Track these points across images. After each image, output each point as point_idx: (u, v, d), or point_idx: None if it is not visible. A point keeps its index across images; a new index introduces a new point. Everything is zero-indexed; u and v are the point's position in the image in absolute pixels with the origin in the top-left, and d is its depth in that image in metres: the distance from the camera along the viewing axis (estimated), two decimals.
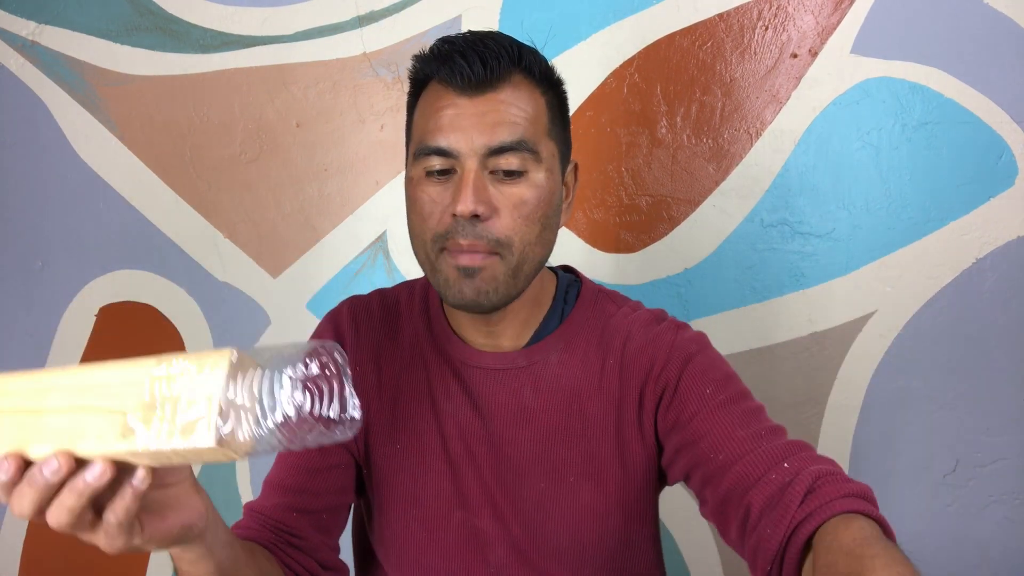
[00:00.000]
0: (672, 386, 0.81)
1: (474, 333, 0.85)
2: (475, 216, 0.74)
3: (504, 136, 0.74)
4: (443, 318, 0.87)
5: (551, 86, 0.81)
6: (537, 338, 0.85)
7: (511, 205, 0.75)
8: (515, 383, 0.83)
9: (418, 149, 0.77)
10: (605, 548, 0.84)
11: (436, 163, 0.76)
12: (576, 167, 0.86)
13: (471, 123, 0.75)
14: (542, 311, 0.86)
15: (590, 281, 0.91)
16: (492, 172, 0.76)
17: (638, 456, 0.83)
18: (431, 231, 0.77)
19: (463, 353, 0.85)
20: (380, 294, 0.91)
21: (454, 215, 0.74)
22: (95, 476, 0.48)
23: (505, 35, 0.79)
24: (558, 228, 0.83)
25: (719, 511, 0.74)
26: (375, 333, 0.87)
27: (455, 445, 0.83)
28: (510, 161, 0.75)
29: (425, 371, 0.86)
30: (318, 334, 0.89)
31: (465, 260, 0.75)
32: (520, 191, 0.76)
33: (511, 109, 0.75)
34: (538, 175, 0.77)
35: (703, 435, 0.76)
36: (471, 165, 0.75)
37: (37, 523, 1.45)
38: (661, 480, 0.86)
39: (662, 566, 0.90)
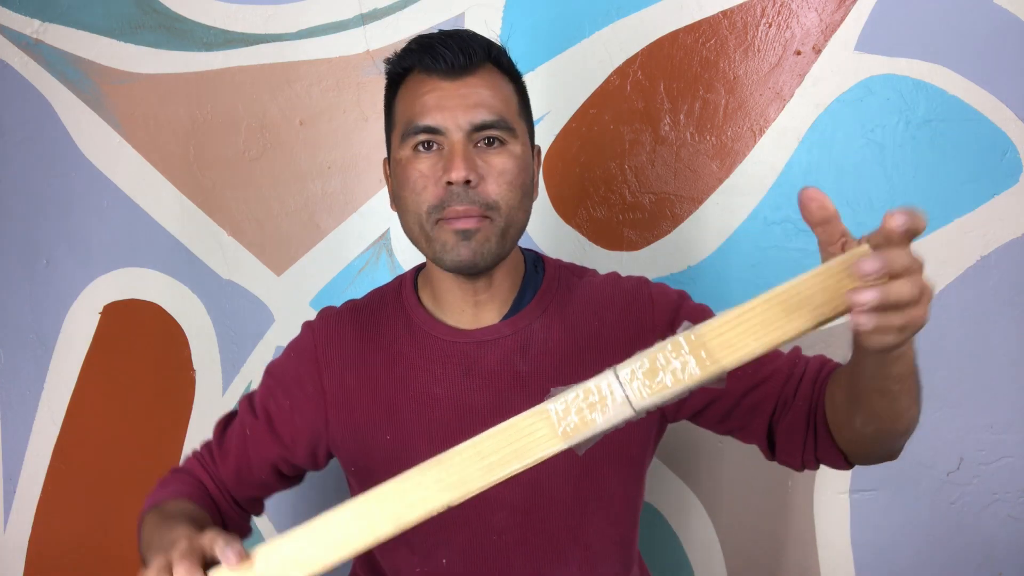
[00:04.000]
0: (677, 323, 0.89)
1: (459, 312, 0.90)
2: (467, 182, 0.81)
3: (484, 115, 0.83)
4: (423, 310, 0.92)
5: (515, 78, 0.89)
6: (516, 309, 0.90)
7: (496, 172, 0.83)
8: (504, 351, 0.88)
9: (406, 130, 0.84)
10: (604, 499, 0.89)
11: (423, 140, 0.83)
12: (539, 152, 0.94)
13: (455, 103, 0.82)
14: (518, 283, 0.92)
15: (548, 256, 0.98)
16: (476, 145, 0.83)
17: None
18: (426, 203, 0.83)
19: (450, 334, 0.89)
20: (352, 304, 0.97)
21: (448, 183, 0.81)
22: None
23: (475, 32, 0.88)
24: (533, 201, 0.89)
25: (749, 411, 0.87)
26: (349, 339, 0.92)
27: (452, 422, 0.87)
28: (492, 133, 0.83)
29: (412, 363, 0.89)
30: (296, 344, 0.95)
31: (461, 224, 0.82)
32: (502, 160, 0.84)
33: (488, 91, 0.84)
34: (515, 147, 0.85)
35: None
36: (458, 137, 0.82)
37: (42, 521, 1.46)
38: (660, 426, 0.93)
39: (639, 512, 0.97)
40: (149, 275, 1.42)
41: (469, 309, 0.90)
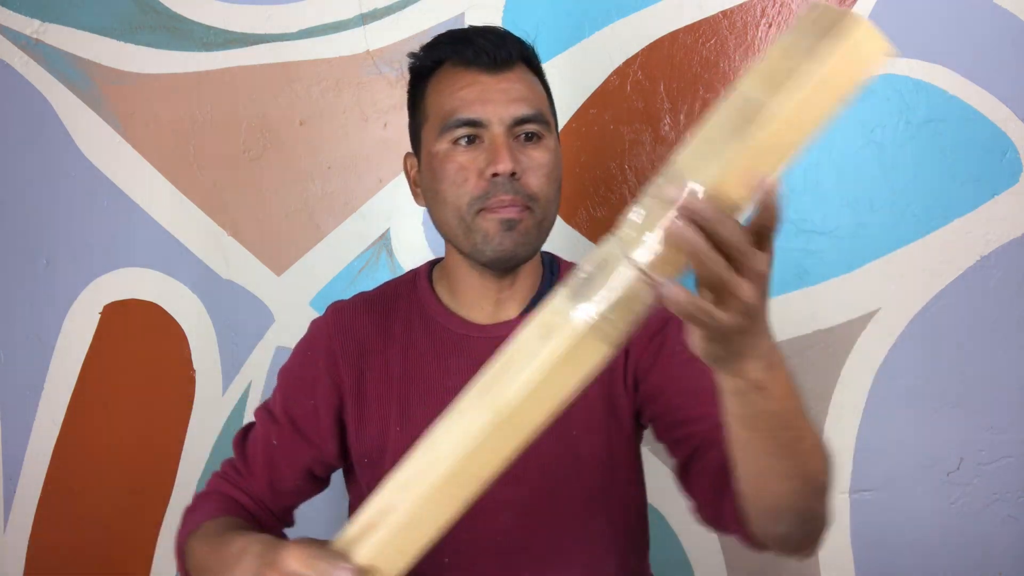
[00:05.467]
0: (658, 338, 0.87)
1: (479, 308, 0.90)
2: (512, 175, 0.82)
3: (525, 109, 0.84)
4: (439, 304, 0.92)
5: (542, 77, 0.92)
6: (532, 306, 0.90)
7: (535, 166, 0.85)
8: None
9: (444, 124, 0.85)
10: (607, 501, 0.89)
11: (464, 133, 0.84)
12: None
13: (497, 97, 0.84)
14: (537, 281, 0.93)
15: (562, 258, 0.99)
16: (515, 139, 0.85)
17: (623, 404, 0.88)
18: (467, 195, 0.83)
19: (467, 328, 0.90)
20: (363, 296, 0.97)
21: (494, 175, 0.82)
22: None
23: (507, 29, 0.89)
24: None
25: (686, 461, 0.82)
26: (361, 328, 0.92)
27: None
28: (531, 127, 0.85)
29: (425, 354, 0.89)
30: (306, 341, 0.95)
31: (506, 214, 0.83)
32: (540, 154, 0.85)
33: (524, 87, 0.86)
34: (551, 142, 0.87)
35: (673, 387, 0.84)
36: (500, 131, 0.83)
37: (42, 521, 1.46)
38: (639, 426, 0.93)
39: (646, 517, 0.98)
40: (149, 275, 1.42)
41: (489, 306, 0.90)
